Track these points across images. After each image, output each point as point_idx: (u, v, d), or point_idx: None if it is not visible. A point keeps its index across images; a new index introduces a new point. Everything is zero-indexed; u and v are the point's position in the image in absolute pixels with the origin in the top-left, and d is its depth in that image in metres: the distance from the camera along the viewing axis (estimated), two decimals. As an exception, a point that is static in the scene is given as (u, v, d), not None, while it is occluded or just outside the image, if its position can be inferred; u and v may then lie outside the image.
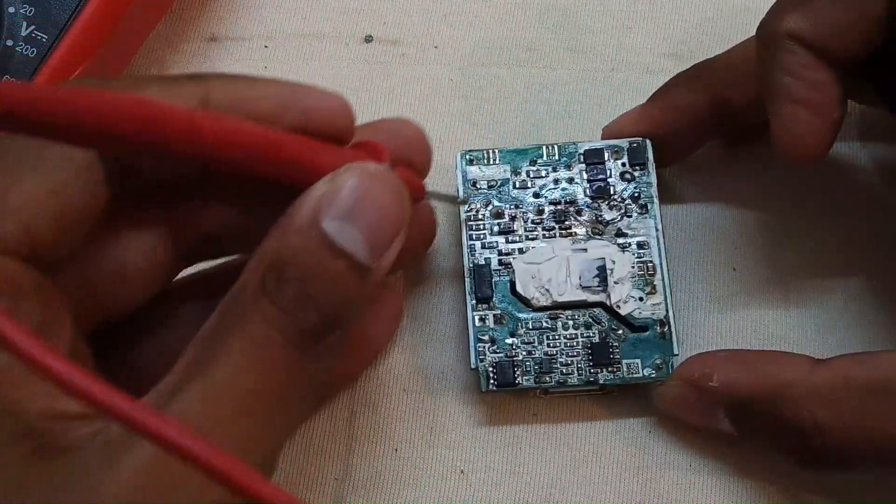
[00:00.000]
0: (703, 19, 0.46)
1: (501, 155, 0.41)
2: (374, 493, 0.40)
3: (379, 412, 0.41)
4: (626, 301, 0.39)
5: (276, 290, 0.29)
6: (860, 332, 0.41)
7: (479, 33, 0.46)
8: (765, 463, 0.39)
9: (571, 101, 0.45)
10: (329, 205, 0.30)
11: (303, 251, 0.30)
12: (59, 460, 0.28)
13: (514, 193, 0.41)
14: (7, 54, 0.39)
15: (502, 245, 0.40)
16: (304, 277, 0.30)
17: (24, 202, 0.29)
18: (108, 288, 0.34)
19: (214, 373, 0.29)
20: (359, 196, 0.30)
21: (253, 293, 0.30)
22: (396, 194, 0.32)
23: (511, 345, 0.39)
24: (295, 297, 0.29)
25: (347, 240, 0.30)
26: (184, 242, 0.35)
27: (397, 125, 0.38)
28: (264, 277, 0.30)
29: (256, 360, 0.29)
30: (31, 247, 0.29)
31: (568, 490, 0.40)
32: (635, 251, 0.40)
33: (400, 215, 0.32)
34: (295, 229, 0.30)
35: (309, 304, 0.30)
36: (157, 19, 0.46)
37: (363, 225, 0.30)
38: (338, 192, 0.30)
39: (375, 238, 0.31)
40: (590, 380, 0.38)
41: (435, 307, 0.42)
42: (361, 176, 0.31)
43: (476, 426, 0.41)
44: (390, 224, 0.31)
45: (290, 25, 0.46)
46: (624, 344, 0.39)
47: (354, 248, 0.30)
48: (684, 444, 0.40)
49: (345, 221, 0.30)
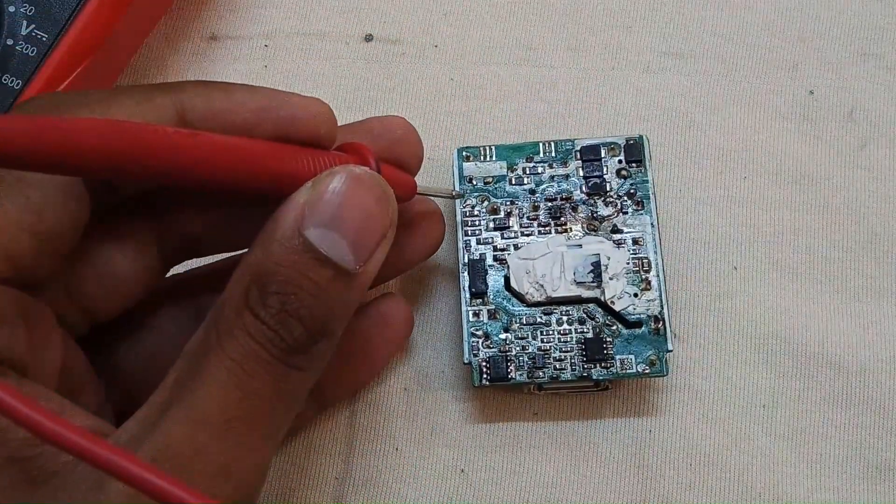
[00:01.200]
0: (703, 18, 0.46)
1: (498, 151, 0.41)
2: (374, 492, 0.40)
3: (379, 411, 0.41)
4: (620, 297, 0.39)
5: (259, 304, 0.29)
6: (861, 330, 0.41)
7: (479, 32, 0.46)
8: (765, 462, 0.39)
9: (571, 101, 0.45)
10: (312, 212, 0.30)
11: (286, 262, 0.29)
12: (48, 486, 0.28)
13: (510, 189, 0.41)
14: (7, 53, 0.40)
15: (497, 241, 0.40)
16: (288, 290, 0.29)
17: (4, 224, 0.29)
18: (95, 295, 0.33)
19: (198, 393, 0.29)
20: (341, 201, 0.30)
21: (236, 308, 0.29)
22: (380, 196, 0.31)
23: (505, 340, 0.39)
24: (279, 311, 0.29)
25: (331, 247, 0.30)
26: (167, 246, 0.35)
27: (385, 122, 0.37)
28: (248, 291, 0.29)
29: (239, 380, 0.29)
30: (12, 269, 0.29)
31: (568, 489, 0.40)
32: (630, 247, 0.40)
33: (384, 218, 0.31)
34: (278, 239, 0.30)
35: (294, 317, 0.29)
36: (157, 19, 0.46)
37: (347, 230, 0.30)
38: (320, 198, 0.30)
39: (360, 243, 0.30)
40: (583, 375, 0.38)
41: (434, 306, 0.42)
42: (343, 180, 0.31)
43: (476, 425, 0.41)
44: (375, 228, 0.31)
45: (291, 24, 0.46)
46: (618, 340, 0.39)
47: (339, 255, 0.30)
48: (684, 443, 0.40)
49: (328, 228, 0.30)
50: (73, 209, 0.30)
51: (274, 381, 0.29)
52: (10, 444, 0.28)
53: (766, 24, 0.45)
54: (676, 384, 0.41)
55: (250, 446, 0.30)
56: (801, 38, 0.45)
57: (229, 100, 0.32)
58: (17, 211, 0.29)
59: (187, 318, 0.37)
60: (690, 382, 0.41)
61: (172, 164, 0.28)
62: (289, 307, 0.29)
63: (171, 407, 0.28)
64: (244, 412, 0.29)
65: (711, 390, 0.40)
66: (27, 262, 0.29)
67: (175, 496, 0.24)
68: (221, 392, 0.29)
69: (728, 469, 0.40)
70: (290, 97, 0.33)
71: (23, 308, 0.30)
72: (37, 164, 0.25)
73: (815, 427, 0.40)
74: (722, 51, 0.45)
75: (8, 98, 0.39)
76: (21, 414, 0.24)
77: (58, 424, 0.24)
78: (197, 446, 0.28)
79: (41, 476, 0.28)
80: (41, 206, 0.29)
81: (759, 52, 0.45)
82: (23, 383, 0.29)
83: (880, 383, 0.40)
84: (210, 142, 0.29)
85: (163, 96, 0.31)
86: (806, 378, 0.40)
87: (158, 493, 0.24)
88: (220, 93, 0.32)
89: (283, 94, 0.33)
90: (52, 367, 0.31)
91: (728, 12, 0.46)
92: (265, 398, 0.29)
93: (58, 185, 0.30)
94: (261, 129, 0.32)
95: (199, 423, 0.28)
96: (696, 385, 0.41)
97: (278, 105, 0.32)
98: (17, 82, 0.39)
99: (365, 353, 0.39)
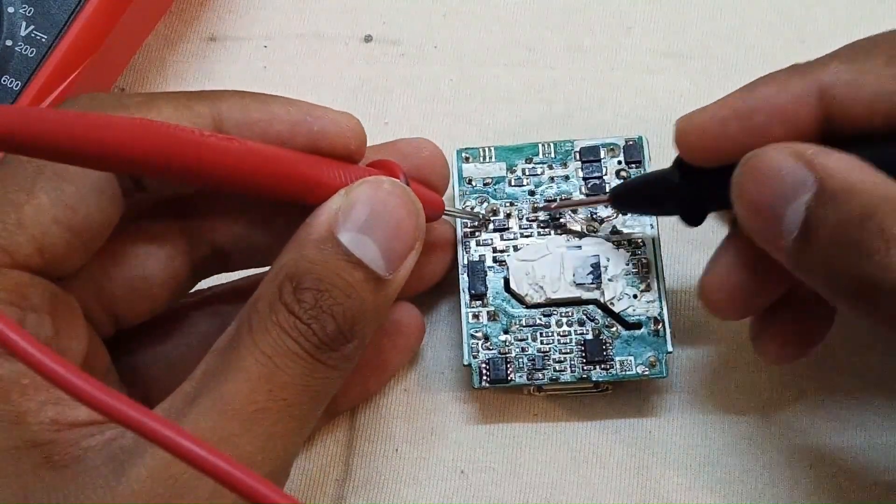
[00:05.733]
0: (703, 19, 0.46)
1: (497, 152, 0.41)
2: (374, 493, 0.40)
3: (380, 412, 0.41)
4: (619, 298, 0.39)
5: (293, 299, 0.30)
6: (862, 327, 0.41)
7: (479, 33, 0.46)
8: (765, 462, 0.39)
9: (571, 102, 0.45)
10: (345, 217, 0.31)
11: (320, 261, 0.31)
12: (68, 470, 0.28)
13: (510, 191, 0.41)
14: (6, 54, 0.40)
15: (497, 242, 0.40)
16: (321, 287, 0.30)
17: (38, 216, 0.30)
18: (123, 297, 0.34)
19: (227, 385, 0.29)
20: (374, 208, 0.32)
21: (270, 303, 0.30)
22: (411, 208, 0.33)
23: (504, 342, 0.39)
24: (313, 306, 0.30)
25: (364, 250, 0.31)
26: (196, 254, 0.36)
27: (414, 144, 0.39)
28: (282, 287, 0.30)
29: (269, 372, 0.30)
30: (43, 259, 0.30)
31: (568, 490, 0.40)
32: (630, 248, 0.40)
33: (415, 228, 0.33)
34: (312, 241, 0.31)
35: (327, 313, 0.30)
36: (157, 19, 0.46)
37: (379, 237, 0.31)
38: (353, 205, 0.31)
39: (391, 250, 0.32)
40: (583, 377, 0.38)
41: (435, 308, 0.42)
42: (376, 189, 0.32)
43: (477, 426, 0.41)
44: (405, 236, 0.32)
45: (290, 25, 0.46)
46: (617, 341, 0.39)
47: (371, 259, 0.31)
48: (684, 444, 0.40)
49: (361, 233, 0.31)
50: (105, 206, 0.31)
51: (303, 375, 0.30)
52: (31, 428, 0.28)
53: (765, 24, 0.45)
54: (676, 386, 0.41)
55: (277, 438, 0.30)
56: (801, 38, 0.45)
57: (265, 111, 0.33)
58: (51, 204, 0.30)
59: (213, 330, 0.37)
60: (690, 384, 0.41)
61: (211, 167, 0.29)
62: (322, 303, 0.30)
63: (199, 396, 0.29)
64: (272, 404, 0.30)
65: (711, 392, 0.40)
66: (58, 254, 0.30)
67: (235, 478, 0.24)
68: (250, 384, 0.29)
69: (728, 471, 0.40)
70: (324, 112, 0.34)
71: (51, 297, 0.31)
72: (80, 157, 0.27)
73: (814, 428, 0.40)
74: (722, 51, 0.45)
75: (7, 99, 0.40)
76: (87, 394, 0.24)
77: (113, 398, 0.24)
78: (224, 435, 0.29)
79: (62, 460, 0.28)
80: (76, 201, 0.31)
81: (758, 52, 0.45)
82: None
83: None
84: (248, 148, 0.31)
85: (201, 104, 0.32)
86: (806, 379, 0.40)
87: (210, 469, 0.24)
88: (256, 104, 0.33)
89: (318, 108, 0.34)
90: (76, 358, 0.32)
91: (728, 13, 0.46)
92: (294, 392, 0.30)
93: (93, 183, 0.31)
94: (294, 141, 0.33)
95: (227, 413, 0.29)
96: (695, 387, 0.41)
97: (313, 119, 0.34)
98: (16, 83, 0.40)
99: (376, 361, 0.40)
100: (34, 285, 0.30)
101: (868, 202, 0.30)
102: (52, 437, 0.28)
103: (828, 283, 0.31)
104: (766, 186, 0.32)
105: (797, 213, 0.31)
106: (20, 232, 0.30)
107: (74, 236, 0.31)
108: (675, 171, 0.36)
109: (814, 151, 0.31)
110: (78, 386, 0.24)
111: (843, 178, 0.30)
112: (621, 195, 0.39)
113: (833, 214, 0.30)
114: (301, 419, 0.31)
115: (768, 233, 0.32)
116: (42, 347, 0.24)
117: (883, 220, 0.29)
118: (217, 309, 0.38)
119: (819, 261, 0.31)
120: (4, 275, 0.29)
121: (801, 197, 0.31)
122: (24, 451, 0.28)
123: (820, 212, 0.30)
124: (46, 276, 0.31)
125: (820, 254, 0.31)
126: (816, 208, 0.31)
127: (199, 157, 0.29)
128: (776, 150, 0.32)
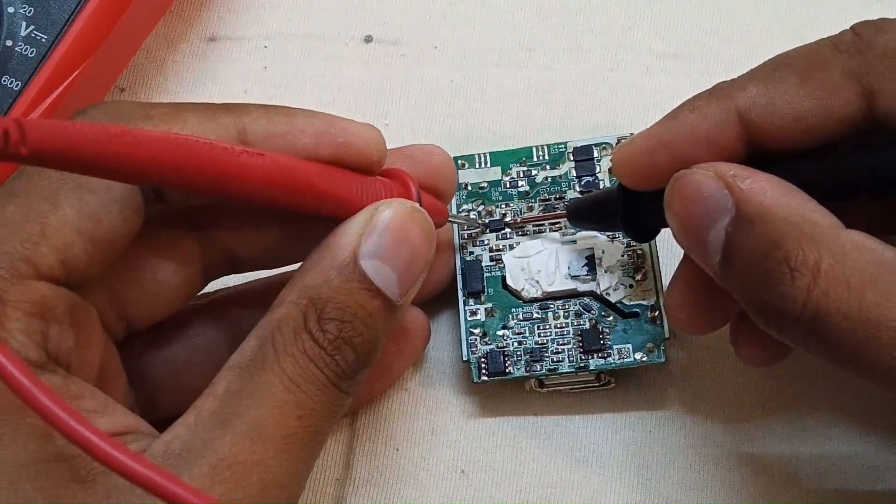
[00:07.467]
0: (703, 19, 0.46)
1: (492, 157, 0.42)
2: (374, 493, 0.40)
3: (380, 412, 0.41)
4: (615, 288, 0.39)
5: (318, 329, 0.31)
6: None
7: (479, 34, 0.46)
8: (765, 462, 0.39)
9: (571, 103, 0.45)
10: (369, 243, 0.32)
11: (345, 290, 0.31)
12: (96, 485, 0.28)
13: (505, 192, 0.41)
14: (6, 54, 0.40)
15: (493, 242, 0.41)
16: (344, 318, 0.31)
17: (61, 227, 0.30)
18: (136, 301, 0.35)
19: (260, 410, 0.30)
20: (395, 237, 0.32)
21: (294, 328, 0.31)
22: (428, 235, 0.33)
23: (502, 336, 0.39)
24: (336, 336, 0.31)
25: (383, 279, 0.32)
26: (208, 260, 0.36)
27: (426, 151, 0.39)
28: (306, 313, 0.31)
29: (298, 399, 0.30)
30: (65, 270, 0.30)
31: (568, 490, 0.40)
32: (624, 241, 0.40)
33: (428, 254, 0.33)
34: (337, 266, 0.31)
35: (349, 344, 0.31)
36: (157, 19, 0.46)
37: (397, 264, 0.32)
38: (377, 231, 0.32)
39: (406, 275, 0.32)
40: (581, 366, 0.39)
41: (434, 307, 0.42)
42: (398, 215, 0.33)
43: (477, 425, 0.41)
44: (419, 263, 0.33)
45: (290, 25, 0.46)
46: (615, 330, 0.39)
47: (387, 287, 0.32)
48: (684, 443, 0.40)
49: (381, 261, 0.32)
50: (128, 217, 0.32)
51: (327, 402, 0.31)
52: (57, 442, 0.28)
53: (765, 25, 0.45)
54: (677, 384, 0.40)
55: (304, 462, 0.31)
56: (801, 38, 0.45)
57: (290, 124, 0.33)
58: (75, 215, 0.30)
59: (220, 334, 0.38)
60: (690, 383, 0.40)
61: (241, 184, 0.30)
62: (345, 334, 0.31)
63: (230, 419, 0.30)
64: (301, 430, 0.30)
65: (711, 391, 0.40)
66: (80, 264, 0.31)
67: None
68: (282, 410, 0.30)
69: (729, 469, 0.39)
70: (347, 124, 0.34)
71: (71, 307, 0.31)
72: (105, 170, 0.27)
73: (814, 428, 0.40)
74: (721, 52, 0.45)
75: (7, 99, 0.40)
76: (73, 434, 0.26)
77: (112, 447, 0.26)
78: (257, 458, 0.29)
79: (90, 475, 0.28)
80: (99, 213, 0.31)
81: (758, 52, 0.44)
82: (70, 380, 0.30)
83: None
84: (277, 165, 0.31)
85: (226, 116, 0.33)
86: (805, 379, 0.40)
87: None
88: (281, 117, 0.33)
89: (341, 120, 0.34)
90: (93, 366, 0.32)
91: (727, 13, 0.46)
92: (320, 418, 0.31)
93: (116, 194, 0.31)
94: (318, 153, 0.33)
95: (259, 438, 0.30)
96: (696, 385, 0.40)
97: (337, 131, 0.34)
98: (16, 83, 0.40)
99: (382, 366, 0.39)
100: (56, 297, 0.30)
101: (776, 230, 0.30)
102: (76, 451, 0.28)
103: (746, 306, 0.32)
104: (691, 208, 0.32)
105: (719, 237, 0.32)
106: (44, 243, 0.30)
107: (96, 247, 0.31)
108: (619, 193, 0.36)
109: (735, 173, 0.32)
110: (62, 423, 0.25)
111: (759, 202, 0.31)
112: (573, 213, 0.39)
113: (746, 241, 0.31)
114: (321, 443, 0.32)
115: (699, 253, 0.33)
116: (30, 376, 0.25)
117: (789, 250, 0.30)
118: (224, 313, 0.38)
119: (736, 285, 0.32)
120: (28, 286, 0.29)
121: (722, 220, 0.32)
122: (54, 464, 0.28)
123: (736, 237, 0.31)
124: (67, 285, 0.31)
125: (737, 278, 0.32)
126: (733, 233, 0.31)
127: (230, 175, 0.29)
128: (699, 173, 0.33)
